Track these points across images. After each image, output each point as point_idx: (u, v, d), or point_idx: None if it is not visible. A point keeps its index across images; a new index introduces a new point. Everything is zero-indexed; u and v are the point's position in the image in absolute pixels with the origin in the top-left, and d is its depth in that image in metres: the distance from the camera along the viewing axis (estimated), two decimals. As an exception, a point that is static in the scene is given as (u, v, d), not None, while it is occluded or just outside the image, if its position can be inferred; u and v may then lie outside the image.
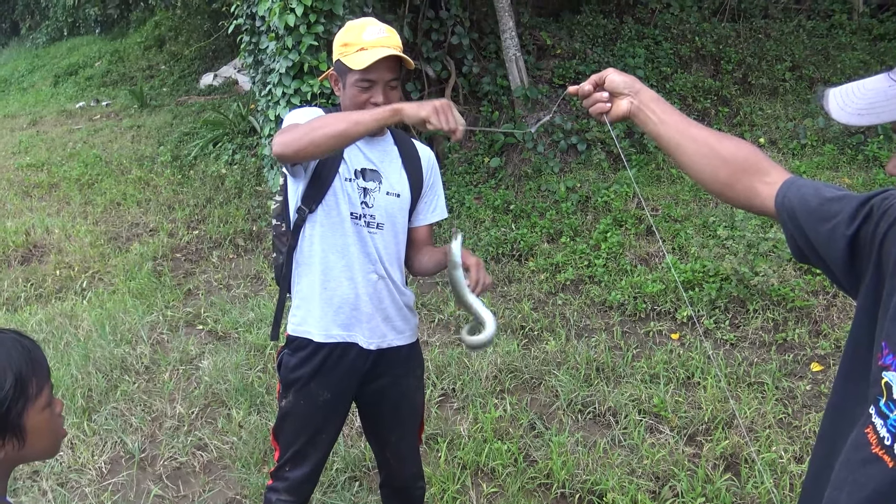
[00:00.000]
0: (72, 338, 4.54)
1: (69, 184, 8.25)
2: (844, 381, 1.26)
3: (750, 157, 1.38)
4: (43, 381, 1.19)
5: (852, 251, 1.20)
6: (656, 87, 7.20)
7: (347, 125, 1.80)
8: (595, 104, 1.55)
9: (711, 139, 1.41)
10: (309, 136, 1.83)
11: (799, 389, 3.69)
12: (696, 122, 1.46)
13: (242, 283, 5.50)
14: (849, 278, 1.23)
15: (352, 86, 2.03)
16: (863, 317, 1.20)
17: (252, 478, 3.14)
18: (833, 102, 1.06)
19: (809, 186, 1.29)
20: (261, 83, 6.59)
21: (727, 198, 1.41)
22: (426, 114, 1.72)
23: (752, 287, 4.46)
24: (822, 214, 1.24)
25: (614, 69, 1.55)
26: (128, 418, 3.67)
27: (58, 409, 1.25)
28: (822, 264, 1.28)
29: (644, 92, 1.50)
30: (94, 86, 14.36)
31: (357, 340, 2.17)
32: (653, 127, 1.47)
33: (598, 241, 5.34)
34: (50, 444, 1.25)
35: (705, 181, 1.42)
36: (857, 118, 1.02)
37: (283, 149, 1.86)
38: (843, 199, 1.23)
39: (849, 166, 6.07)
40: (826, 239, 1.23)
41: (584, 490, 3.03)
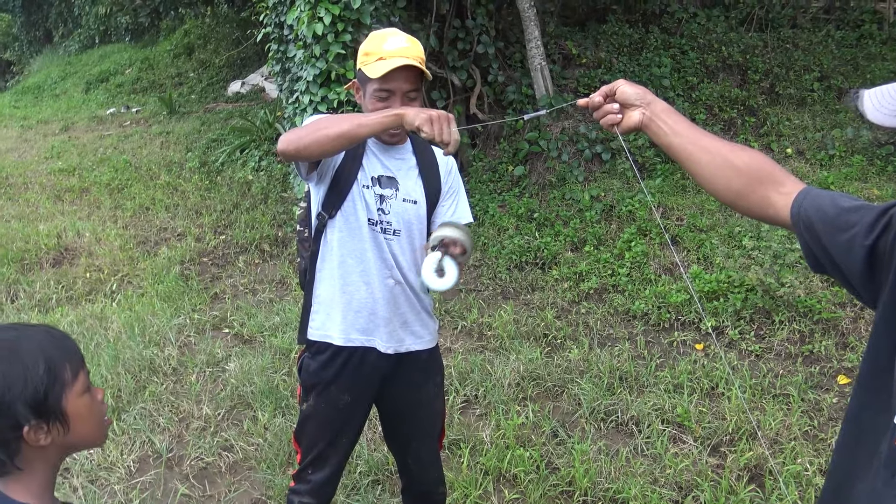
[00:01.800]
0: (102, 339, 4.62)
1: (99, 188, 8.41)
2: (864, 392, 1.25)
3: (764, 167, 1.37)
4: (77, 367, 1.21)
5: (871, 261, 1.20)
6: (682, 96, 7.18)
7: (351, 126, 1.83)
8: (606, 115, 1.54)
9: (724, 149, 1.41)
10: (313, 136, 1.87)
11: (825, 402, 3.65)
12: (709, 132, 1.46)
13: (268, 288, 5.56)
14: (867, 289, 1.23)
15: (371, 95, 2.06)
16: (882, 327, 1.20)
17: (277, 479, 3.18)
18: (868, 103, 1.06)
19: (826, 196, 1.29)
20: (288, 91, 6.67)
21: (741, 208, 1.40)
22: (420, 122, 1.73)
23: (778, 298, 4.43)
24: (839, 224, 1.23)
25: (625, 80, 1.55)
26: (156, 418, 3.73)
27: (99, 397, 1.27)
28: (839, 274, 1.27)
29: (656, 103, 1.49)
30: (125, 93, 14.63)
31: (376, 345, 2.19)
32: (665, 138, 1.47)
33: (622, 251, 5.33)
34: (95, 429, 1.26)
35: (719, 191, 1.41)
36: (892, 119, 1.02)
37: (286, 146, 1.91)
38: (860, 210, 1.23)
39: (878, 177, 6.00)
40: (844, 249, 1.22)
41: (606, 498, 3.03)
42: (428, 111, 1.75)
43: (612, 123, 1.54)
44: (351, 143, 1.90)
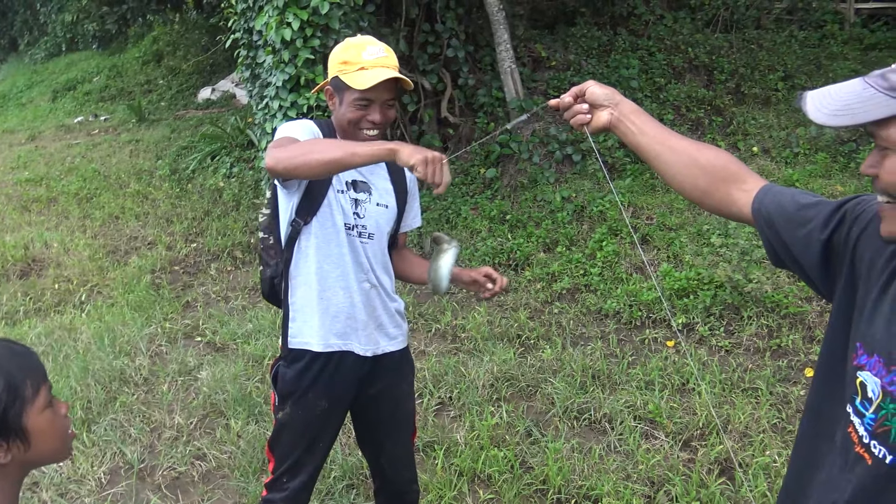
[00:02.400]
0: (71, 350, 4.56)
1: (68, 198, 8.30)
2: (822, 382, 1.29)
3: (728, 165, 1.42)
4: (39, 383, 1.20)
5: (826, 255, 1.24)
6: (651, 97, 7.27)
7: (344, 155, 1.82)
8: (575, 116, 1.58)
9: (690, 148, 1.45)
10: (304, 158, 1.85)
11: (793, 395, 3.72)
12: (676, 132, 1.50)
13: (240, 295, 5.53)
14: (824, 282, 1.27)
15: (350, 103, 2.07)
16: (838, 319, 1.24)
17: (250, 487, 3.16)
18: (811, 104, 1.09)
19: (785, 193, 1.33)
20: (258, 97, 6.64)
21: (706, 205, 1.45)
22: (415, 162, 1.73)
23: (747, 294, 4.50)
24: (797, 220, 1.28)
25: (594, 81, 1.58)
26: (127, 429, 3.69)
27: (62, 411, 1.25)
28: (797, 268, 1.32)
29: (624, 103, 1.53)
30: (93, 101, 14.44)
31: (353, 348, 2.21)
32: (633, 138, 1.51)
33: (594, 251, 5.38)
34: (58, 445, 1.25)
35: (685, 189, 1.46)
36: (832, 118, 1.05)
37: (275, 163, 1.89)
38: (817, 205, 1.27)
39: (841, 174, 6.12)
40: (802, 243, 1.27)
41: (580, 495, 3.06)
42: (423, 152, 1.74)
43: (581, 123, 1.57)
44: (341, 170, 1.90)
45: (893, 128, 1.01)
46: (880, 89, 1.02)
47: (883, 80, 1.02)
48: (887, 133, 1.02)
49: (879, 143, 1.05)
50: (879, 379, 1.08)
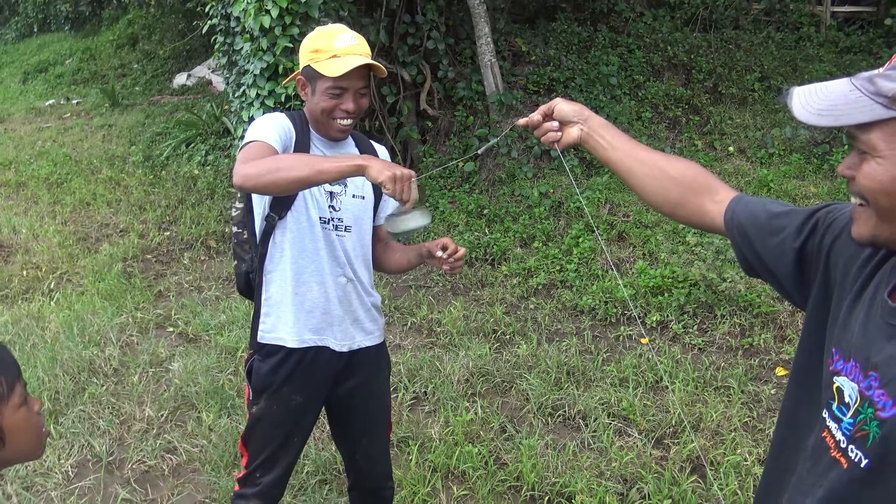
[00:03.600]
0: (38, 339, 4.47)
1: (37, 183, 8.13)
2: (797, 388, 1.30)
3: (698, 177, 1.43)
4: (13, 380, 1.17)
5: (800, 263, 1.26)
6: (629, 94, 7.29)
7: (311, 173, 1.79)
8: (546, 133, 1.59)
9: (661, 161, 1.46)
10: (271, 177, 1.81)
11: (764, 393, 3.76)
12: (645, 145, 1.52)
13: (214, 285, 5.46)
14: (798, 290, 1.29)
15: (322, 92, 2.04)
16: (812, 326, 1.25)
17: (222, 481, 3.12)
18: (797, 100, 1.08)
19: (757, 203, 1.35)
20: (235, 84, 6.55)
21: (679, 217, 1.46)
22: (384, 179, 1.73)
23: (720, 293, 4.55)
24: (770, 229, 1.29)
25: (562, 98, 1.59)
26: (95, 421, 3.62)
27: (36, 408, 1.23)
28: (770, 277, 1.33)
29: (593, 119, 1.55)
30: (65, 84, 14.16)
31: (328, 343, 2.18)
32: (603, 152, 1.52)
33: (570, 247, 5.40)
34: (32, 443, 1.22)
35: (657, 202, 1.47)
36: (816, 118, 1.05)
37: (243, 181, 1.85)
38: (789, 214, 1.29)
39: (815, 175, 6.20)
40: (775, 252, 1.28)
41: (554, 492, 3.07)
42: (392, 168, 1.74)
43: (552, 140, 1.59)
44: (310, 187, 1.92)
45: (874, 133, 1.02)
46: (866, 93, 1.01)
47: (870, 84, 1.02)
48: (868, 137, 1.02)
49: (859, 146, 1.05)
50: (857, 384, 1.08)
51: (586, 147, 1.55)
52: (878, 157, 1.01)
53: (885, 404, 1.02)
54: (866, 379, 1.06)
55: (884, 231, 1.05)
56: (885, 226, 1.05)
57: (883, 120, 1.00)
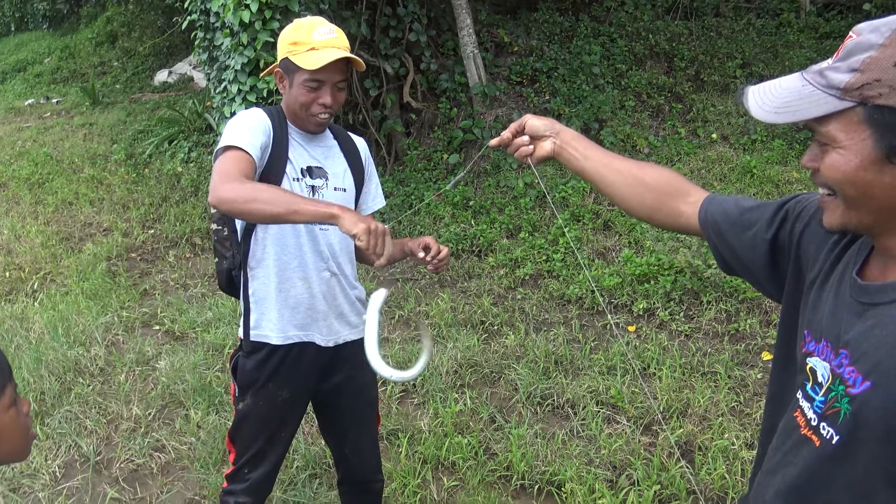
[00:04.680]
0: (23, 340, 4.43)
1: (18, 183, 8.04)
2: (780, 374, 1.33)
3: (672, 181, 1.47)
4: (5, 381, 1.17)
5: (773, 253, 1.29)
6: (612, 83, 7.30)
7: (286, 212, 1.75)
8: (518, 149, 1.60)
9: (634, 169, 1.49)
10: (247, 206, 1.79)
11: (750, 378, 3.79)
12: (617, 154, 1.54)
13: (200, 283, 5.43)
14: (772, 282, 1.32)
15: (300, 85, 2.03)
16: (787, 312, 1.28)
17: (211, 478, 3.11)
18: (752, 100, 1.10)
19: (729, 200, 1.38)
20: (216, 80, 6.50)
21: (656, 221, 1.49)
22: (358, 231, 1.69)
23: (706, 279, 4.57)
24: (742, 223, 1.32)
25: (532, 115, 1.61)
26: (82, 421, 3.60)
27: (25, 409, 1.22)
28: (746, 273, 1.36)
29: (564, 132, 1.57)
30: (44, 83, 14.00)
31: (314, 339, 2.18)
32: (576, 163, 1.54)
33: (556, 236, 5.41)
34: (20, 444, 1.22)
35: (633, 208, 1.50)
36: (774, 116, 1.07)
37: (217, 203, 1.83)
38: (760, 207, 1.32)
39: (797, 161, 6.23)
40: (749, 246, 1.31)
41: (543, 481, 3.08)
42: (367, 221, 1.70)
43: (525, 155, 1.61)
44: (281, 223, 1.98)
45: (832, 125, 1.03)
46: (818, 86, 1.03)
47: (821, 77, 1.04)
48: (826, 130, 1.04)
49: (819, 138, 1.07)
50: (828, 363, 1.10)
51: (560, 160, 1.57)
52: (839, 147, 1.03)
53: (855, 381, 1.04)
54: (837, 357, 1.08)
55: (852, 218, 1.07)
56: (854, 213, 1.06)
57: (839, 111, 1.01)
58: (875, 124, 0.99)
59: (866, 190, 1.03)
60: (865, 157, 1.01)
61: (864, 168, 1.02)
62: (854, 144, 1.01)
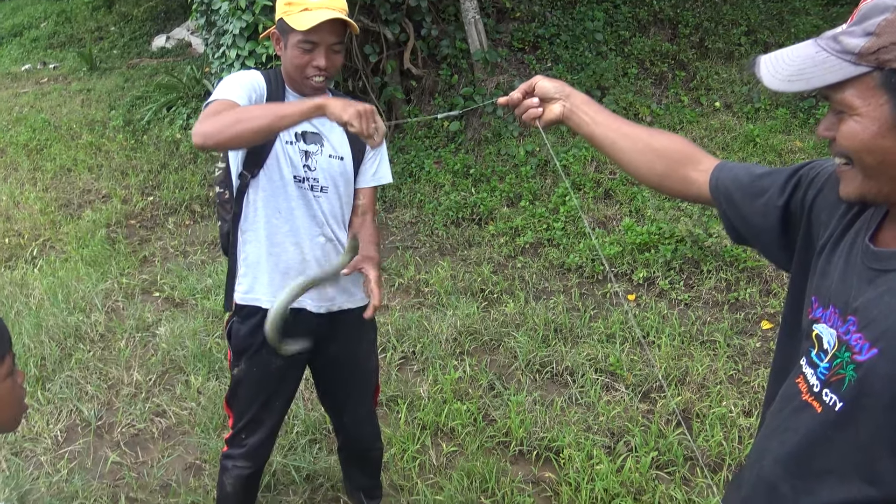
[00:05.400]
0: (23, 307, 4.44)
1: (16, 149, 7.98)
2: (786, 342, 1.31)
3: (682, 148, 1.44)
4: (4, 350, 1.17)
5: (785, 221, 1.26)
6: (615, 50, 7.21)
7: (272, 120, 1.74)
8: (526, 111, 1.57)
9: (644, 135, 1.47)
10: (231, 130, 1.76)
11: (749, 346, 3.80)
12: (627, 120, 1.52)
13: (199, 250, 5.42)
14: (783, 250, 1.29)
15: (294, 47, 2.00)
16: (796, 279, 1.26)
17: (211, 443, 3.14)
18: (764, 69, 1.07)
19: (740, 167, 1.36)
20: (214, 45, 6.42)
21: (666, 189, 1.47)
22: (348, 117, 1.67)
23: (706, 248, 4.56)
24: (754, 191, 1.30)
25: (542, 76, 1.58)
26: (83, 386, 3.62)
27: (20, 380, 1.22)
28: (757, 241, 1.34)
29: (575, 95, 1.53)
30: (41, 48, 13.84)
31: (305, 305, 2.16)
32: (586, 128, 1.51)
33: (557, 205, 5.38)
34: (13, 414, 1.22)
35: (642, 175, 1.47)
36: (787, 84, 1.04)
37: (203, 140, 1.79)
38: (772, 174, 1.30)
39: (801, 130, 6.18)
40: (760, 213, 1.29)
41: (542, 447, 3.10)
42: (354, 105, 1.68)
43: (533, 118, 1.57)
44: (273, 135, 1.86)
45: (847, 91, 1.01)
46: (833, 52, 1.00)
47: (835, 43, 1.01)
48: (842, 97, 1.01)
49: (835, 106, 1.04)
50: (835, 330, 1.09)
51: (569, 124, 1.53)
52: (856, 115, 1.01)
53: (861, 348, 1.03)
54: (845, 324, 1.07)
55: (871, 188, 1.05)
56: (872, 182, 1.04)
57: (854, 77, 0.99)
58: (892, 89, 0.96)
59: (885, 157, 1.00)
60: (883, 124, 0.98)
61: (882, 135, 0.99)
62: (871, 111, 0.99)
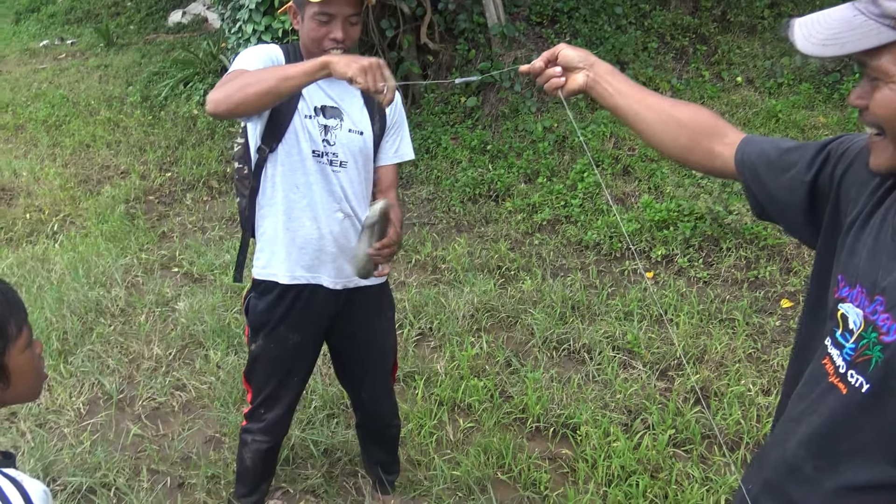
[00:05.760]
0: (44, 281, 4.49)
1: (36, 125, 8.03)
2: (809, 321, 1.29)
3: (708, 120, 1.40)
4: (21, 322, 1.19)
5: (812, 197, 1.23)
6: (635, 24, 7.10)
7: (277, 81, 1.74)
8: (549, 80, 1.53)
9: (669, 107, 1.43)
10: (240, 94, 1.77)
11: (769, 325, 3.77)
12: (652, 91, 1.48)
13: (217, 226, 5.44)
14: (809, 227, 1.26)
15: (310, 19, 1.98)
16: (822, 257, 1.23)
17: (231, 416, 3.17)
18: (798, 32, 1.04)
19: (767, 141, 1.32)
20: (230, 20, 6.39)
21: (690, 163, 1.44)
22: (353, 73, 1.63)
23: (726, 226, 4.51)
24: (781, 165, 1.26)
25: (566, 44, 1.54)
26: (105, 360, 3.66)
27: (38, 350, 1.25)
28: (782, 217, 1.31)
29: (599, 64, 1.50)
30: (58, 23, 13.86)
31: (322, 282, 2.16)
32: (610, 99, 1.48)
33: (575, 181, 5.34)
34: (33, 384, 1.24)
35: (666, 148, 1.44)
36: (821, 49, 1.01)
37: (214, 107, 1.80)
38: (800, 148, 1.26)
39: (824, 105, 6.08)
40: (786, 188, 1.25)
41: (559, 424, 3.11)
42: (359, 60, 1.64)
43: (555, 87, 1.53)
44: (280, 98, 1.82)
45: (885, 57, 0.97)
46: (871, 16, 0.97)
47: (874, 6, 0.97)
48: (878, 63, 0.98)
49: (869, 73, 1.01)
50: (861, 310, 1.07)
51: (592, 94, 1.50)
52: (892, 82, 0.97)
53: (889, 328, 1.01)
54: (872, 304, 1.05)
55: None
56: None
57: (892, 42, 0.95)
58: None
59: None
60: None
61: None
62: None
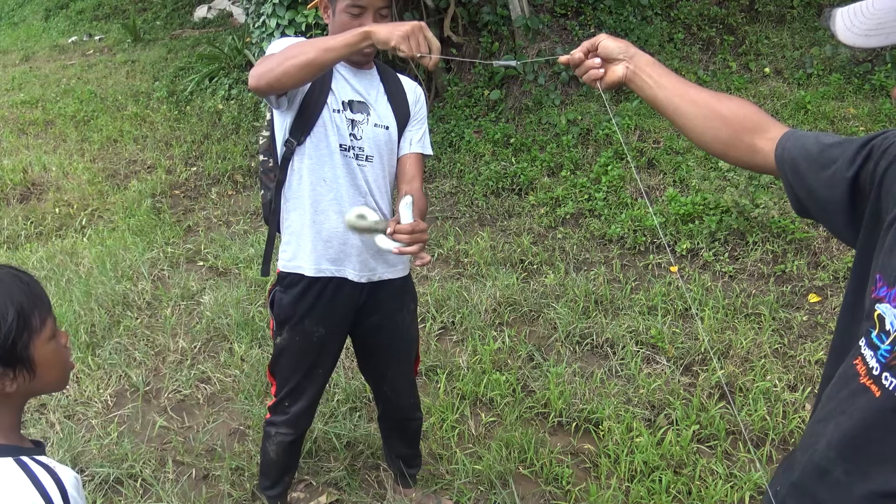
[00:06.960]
0: (73, 275, 4.56)
1: (65, 121, 8.16)
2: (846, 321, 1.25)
3: (751, 115, 1.36)
4: (45, 314, 1.21)
5: (853, 194, 1.19)
6: (661, 15, 7.02)
7: (318, 52, 1.74)
8: (588, 71, 1.50)
9: (711, 100, 1.39)
10: (281, 67, 1.77)
11: (795, 320, 3.71)
12: (693, 83, 1.44)
13: (242, 220, 5.49)
14: (850, 225, 1.22)
15: (341, 12, 1.98)
16: (862, 256, 1.19)
17: (255, 409, 3.20)
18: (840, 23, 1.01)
19: (809, 136, 1.28)
20: (255, 14, 6.42)
21: (731, 158, 1.39)
22: (395, 41, 1.61)
23: (753, 219, 4.45)
24: (822, 161, 1.22)
25: (606, 35, 1.50)
26: (131, 353, 3.71)
27: (63, 341, 1.27)
28: (822, 215, 1.27)
29: (639, 56, 1.46)
30: (86, 20, 14.04)
31: (346, 275, 2.17)
32: (650, 91, 1.44)
33: (599, 175, 5.30)
34: (60, 374, 1.26)
35: (707, 143, 1.40)
36: (864, 39, 0.97)
37: (256, 81, 1.82)
38: (843, 144, 1.22)
39: (854, 96, 5.95)
40: (827, 184, 1.21)
41: (581, 419, 3.09)
42: (401, 26, 1.63)
43: (594, 79, 1.50)
44: (321, 69, 1.81)
45: None
46: None
47: None
48: None
49: None
50: None
51: (631, 86, 1.47)
52: None
53: None
54: None
55: None
56: None
57: None
58: None
59: None
60: None
61: None
62: None
